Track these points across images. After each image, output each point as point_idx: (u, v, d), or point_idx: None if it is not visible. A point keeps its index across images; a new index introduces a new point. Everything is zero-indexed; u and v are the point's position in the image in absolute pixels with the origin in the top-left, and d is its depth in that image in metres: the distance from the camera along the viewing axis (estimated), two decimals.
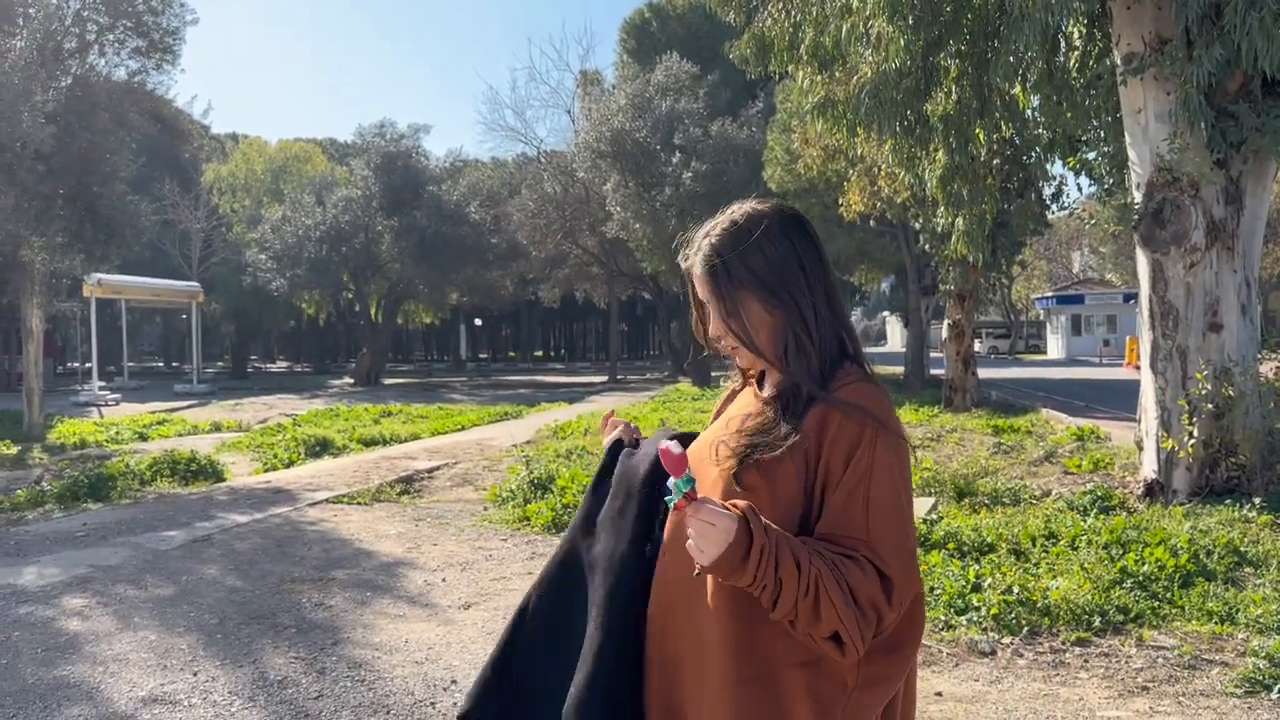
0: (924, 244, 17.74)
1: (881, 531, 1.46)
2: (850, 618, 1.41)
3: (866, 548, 1.45)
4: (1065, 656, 4.87)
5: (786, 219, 1.67)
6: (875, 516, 1.47)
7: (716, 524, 1.40)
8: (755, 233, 1.63)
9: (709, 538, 1.40)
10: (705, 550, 1.41)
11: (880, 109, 9.31)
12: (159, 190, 36.28)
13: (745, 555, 1.40)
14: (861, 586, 1.42)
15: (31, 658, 4.95)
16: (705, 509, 1.42)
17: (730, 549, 1.40)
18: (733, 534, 1.40)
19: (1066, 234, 56.13)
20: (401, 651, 5.07)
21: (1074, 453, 11.50)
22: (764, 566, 1.40)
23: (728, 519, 1.41)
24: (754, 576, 1.41)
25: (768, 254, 1.62)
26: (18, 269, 16.43)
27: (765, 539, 1.41)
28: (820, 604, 1.40)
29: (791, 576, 1.40)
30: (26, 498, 9.66)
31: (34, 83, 11.11)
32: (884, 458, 1.50)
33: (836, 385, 1.58)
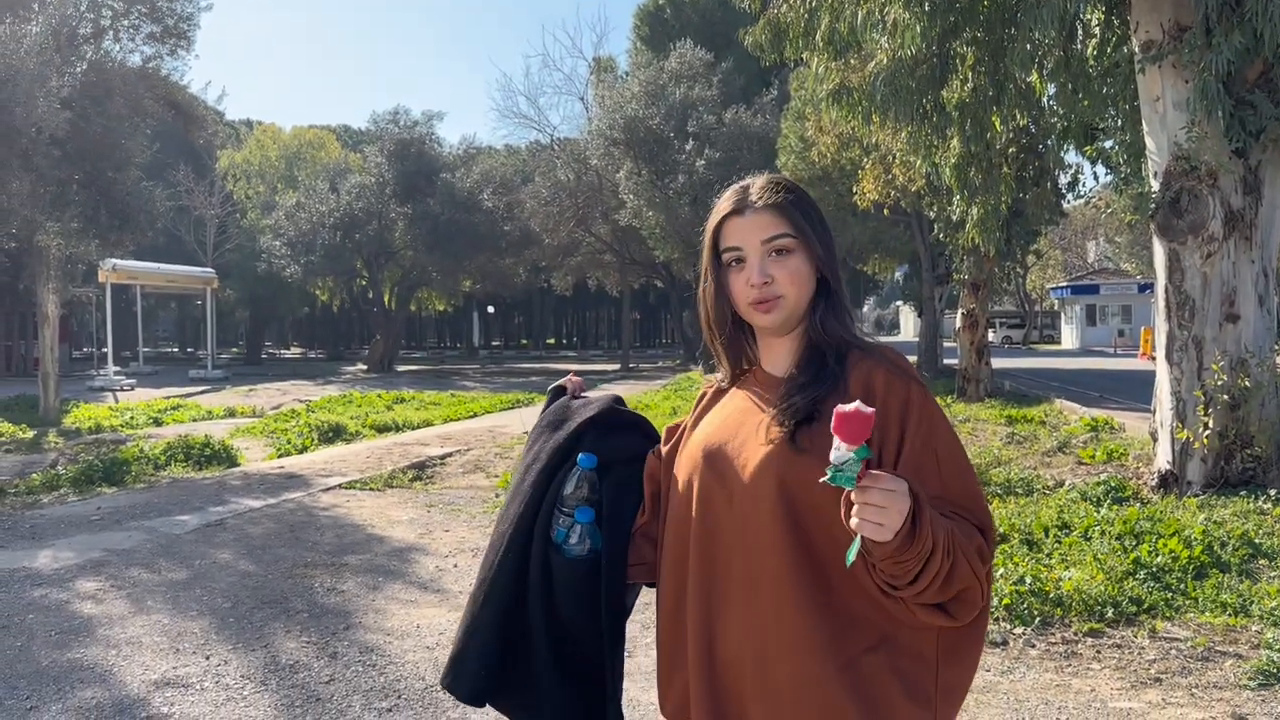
0: (938, 233, 17.64)
1: (959, 483, 1.47)
2: (983, 573, 1.41)
3: (948, 503, 1.44)
4: (1077, 647, 4.85)
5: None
6: (947, 470, 1.47)
7: (897, 490, 1.30)
8: (811, 198, 1.69)
9: (893, 507, 1.29)
10: (887, 523, 1.30)
11: (895, 96, 9.25)
12: (173, 176, 36.40)
13: (916, 524, 1.32)
14: (974, 539, 1.42)
15: (46, 640, 4.98)
16: (885, 478, 1.31)
17: (908, 520, 1.32)
18: (909, 501, 1.31)
19: (1082, 223, 55.81)
20: (413, 636, 5.08)
21: (1088, 443, 11.45)
22: (931, 532, 1.34)
23: (904, 484, 1.32)
24: (922, 545, 1.33)
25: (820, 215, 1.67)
26: (34, 254, 16.52)
27: (927, 505, 1.35)
28: (956, 566, 1.37)
29: (940, 542, 1.35)
30: (41, 481, 9.73)
31: (49, 68, 11.13)
32: (935, 410, 1.51)
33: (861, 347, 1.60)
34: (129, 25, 13.75)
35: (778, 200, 1.61)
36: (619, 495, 1.75)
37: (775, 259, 1.60)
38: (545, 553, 1.72)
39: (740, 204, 1.63)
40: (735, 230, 1.62)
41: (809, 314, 1.62)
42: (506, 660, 1.72)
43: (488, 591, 1.73)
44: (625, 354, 39.66)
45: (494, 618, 1.72)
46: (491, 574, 1.74)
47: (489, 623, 1.72)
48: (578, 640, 1.70)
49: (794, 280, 1.59)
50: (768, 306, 1.60)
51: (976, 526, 1.44)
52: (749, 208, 1.62)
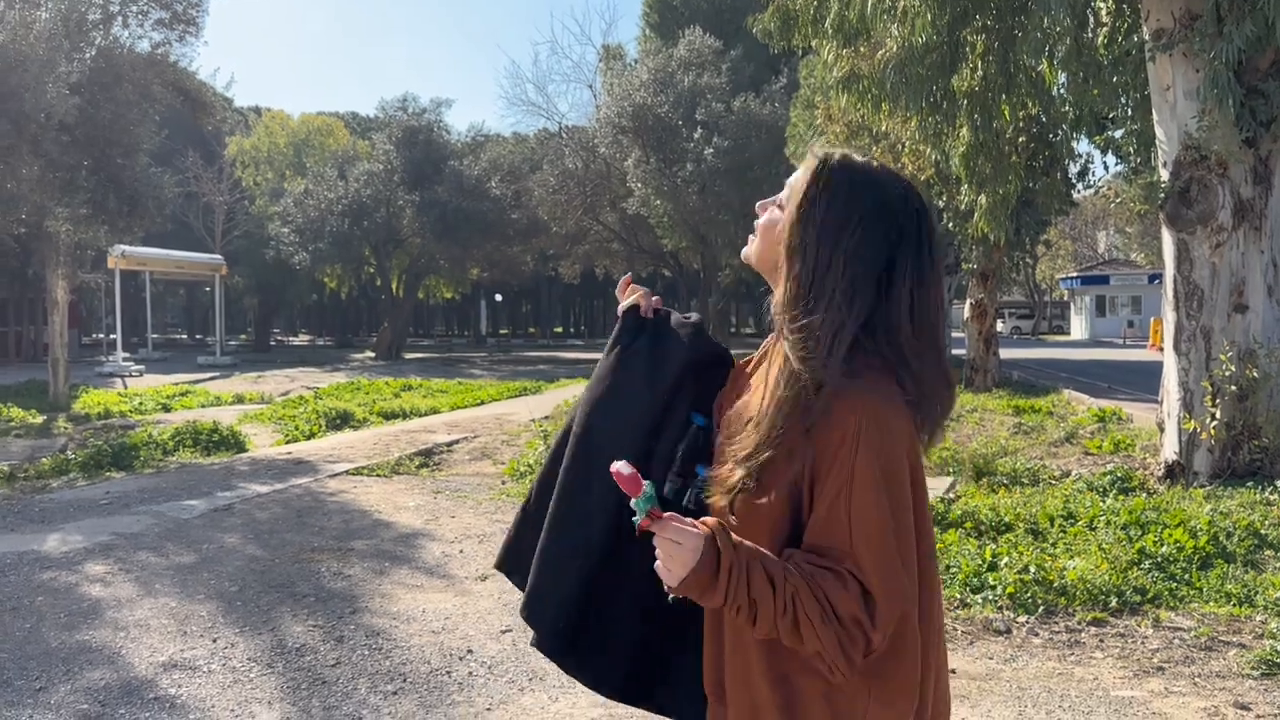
0: (947, 222, 17.58)
1: (864, 544, 1.34)
2: (829, 636, 1.32)
3: (851, 561, 1.34)
4: (1081, 636, 4.86)
5: (918, 205, 1.52)
6: (859, 527, 1.34)
7: (683, 543, 1.32)
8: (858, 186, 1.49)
9: (676, 558, 1.32)
10: (672, 570, 1.33)
11: (906, 84, 9.21)
12: (182, 163, 36.43)
13: (715, 574, 1.32)
14: (842, 602, 1.32)
15: (55, 622, 5.03)
16: (670, 527, 1.33)
17: (697, 569, 1.31)
18: (699, 554, 1.32)
19: (1092, 213, 55.54)
20: (418, 621, 5.11)
21: (1095, 434, 11.43)
22: (734, 586, 1.32)
23: (694, 537, 1.32)
24: (725, 596, 1.32)
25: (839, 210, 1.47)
26: (43, 240, 16.58)
27: (734, 556, 1.33)
28: (799, 622, 1.32)
29: (766, 595, 1.32)
30: (51, 466, 9.79)
31: (58, 54, 11.16)
32: (868, 460, 1.35)
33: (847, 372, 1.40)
34: (137, 11, 13.76)
35: (815, 168, 1.51)
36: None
37: (773, 205, 1.58)
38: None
39: (810, 149, 1.59)
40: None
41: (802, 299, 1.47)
42: (587, 619, 1.69)
43: (577, 544, 1.68)
44: None
45: (582, 572, 1.68)
46: (583, 529, 1.68)
47: (575, 577, 1.68)
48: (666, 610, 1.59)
49: (762, 232, 1.57)
50: (750, 238, 1.62)
51: (866, 592, 1.33)
52: (810, 154, 1.56)
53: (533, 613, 1.73)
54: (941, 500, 7.09)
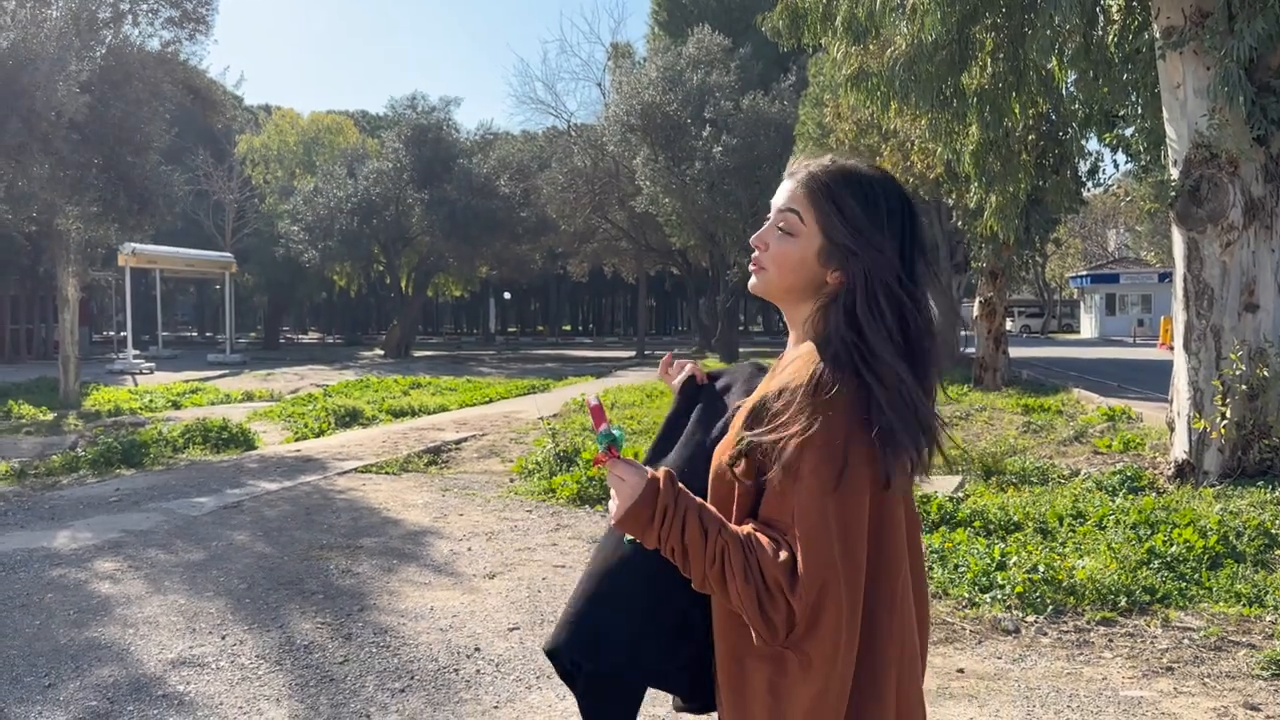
0: (956, 220, 17.55)
1: (800, 519, 1.40)
2: (749, 593, 1.38)
3: (791, 534, 1.40)
4: (1089, 636, 4.84)
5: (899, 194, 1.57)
6: (799, 506, 1.40)
7: (626, 479, 1.47)
8: (868, 188, 1.55)
9: (620, 492, 1.47)
10: (616, 504, 1.47)
11: (915, 82, 9.19)
12: (192, 161, 36.56)
13: (651, 515, 1.44)
14: (769, 565, 1.38)
15: (64, 619, 5.05)
16: (620, 464, 1.48)
17: (636, 506, 1.44)
18: (639, 491, 1.45)
19: (1102, 212, 55.35)
20: (426, 619, 5.12)
21: (1104, 433, 11.39)
22: (667, 528, 1.43)
23: (637, 477, 1.47)
24: (659, 536, 1.44)
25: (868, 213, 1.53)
26: (54, 238, 16.65)
27: (670, 502, 1.44)
28: (725, 575, 1.40)
29: (697, 543, 1.42)
30: (61, 463, 9.83)
31: (69, 52, 11.19)
32: (820, 441, 1.40)
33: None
34: (148, 9, 13.81)
35: (809, 179, 1.57)
36: None
37: (778, 233, 1.59)
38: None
39: (791, 169, 1.63)
40: (779, 190, 1.64)
41: (822, 308, 1.55)
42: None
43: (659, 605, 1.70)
44: (641, 341, 39.65)
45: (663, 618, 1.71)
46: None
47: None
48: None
49: (777, 261, 1.58)
50: (753, 270, 1.63)
51: (793, 560, 1.39)
52: (793, 174, 1.62)
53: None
54: (950, 499, 7.07)
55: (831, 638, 1.39)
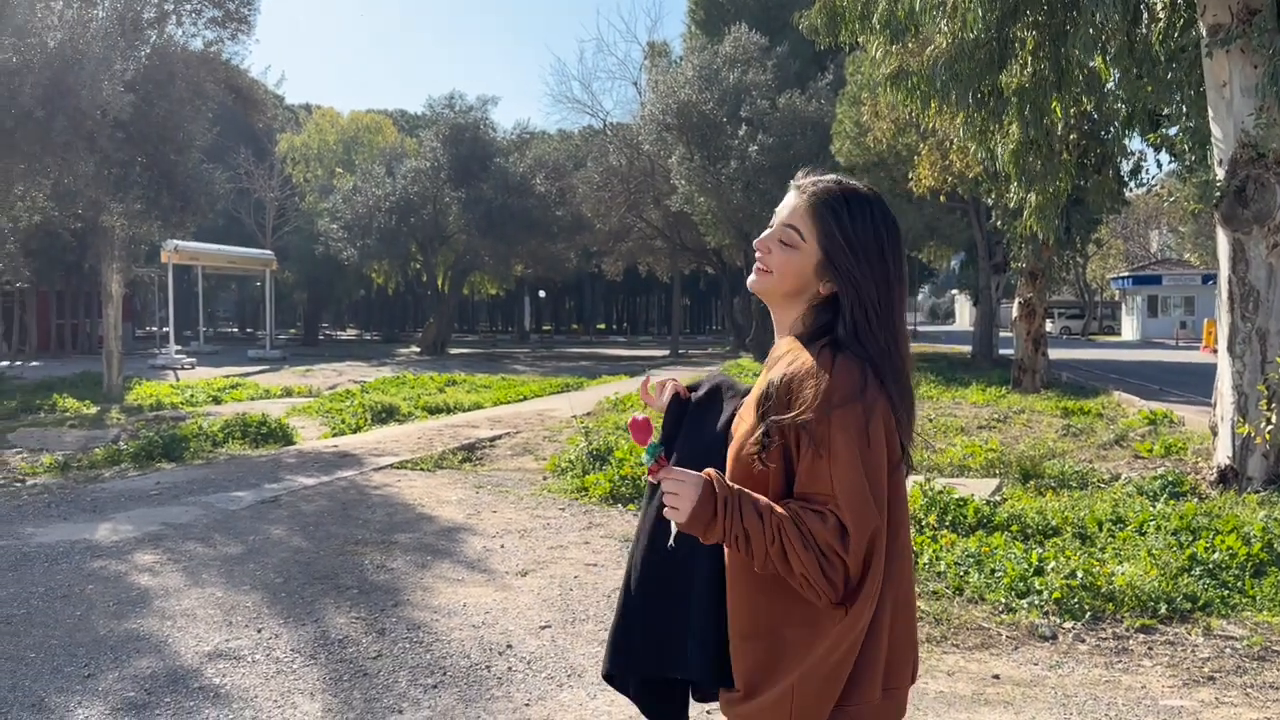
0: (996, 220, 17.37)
1: (840, 485, 1.56)
2: (810, 559, 1.54)
3: (833, 503, 1.56)
4: (1129, 643, 4.77)
5: (888, 214, 1.76)
6: (836, 472, 1.57)
7: (686, 482, 1.59)
8: (866, 210, 1.73)
9: (682, 496, 1.58)
10: (680, 508, 1.58)
11: (955, 81, 9.10)
12: (234, 159, 37.02)
13: (714, 511, 1.57)
14: (820, 532, 1.54)
15: (104, 610, 5.13)
16: (675, 471, 1.61)
17: (699, 506, 1.57)
18: (700, 490, 1.58)
19: (1145, 213, 54.52)
20: (459, 615, 5.14)
21: (1145, 437, 11.22)
22: (730, 518, 1.56)
23: (696, 478, 1.59)
24: (724, 529, 1.57)
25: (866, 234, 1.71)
26: (98, 234, 16.93)
27: (728, 493, 1.58)
28: (786, 550, 1.54)
29: (756, 526, 1.55)
30: (104, 456, 9.99)
31: (114, 52, 11.37)
32: (840, 419, 1.58)
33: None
34: (191, 9, 14.00)
35: (814, 198, 1.74)
36: None
37: (782, 244, 1.76)
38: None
39: (798, 183, 1.80)
40: (784, 200, 1.81)
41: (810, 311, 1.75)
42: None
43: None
44: (675, 340, 39.64)
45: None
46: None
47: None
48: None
49: (780, 269, 1.76)
50: (757, 271, 1.80)
51: (841, 524, 1.55)
52: (795, 188, 1.79)
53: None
54: (987, 503, 6.99)
55: (874, 580, 1.58)
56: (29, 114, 10.44)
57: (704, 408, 1.98)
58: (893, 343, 1.69)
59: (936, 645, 4.74)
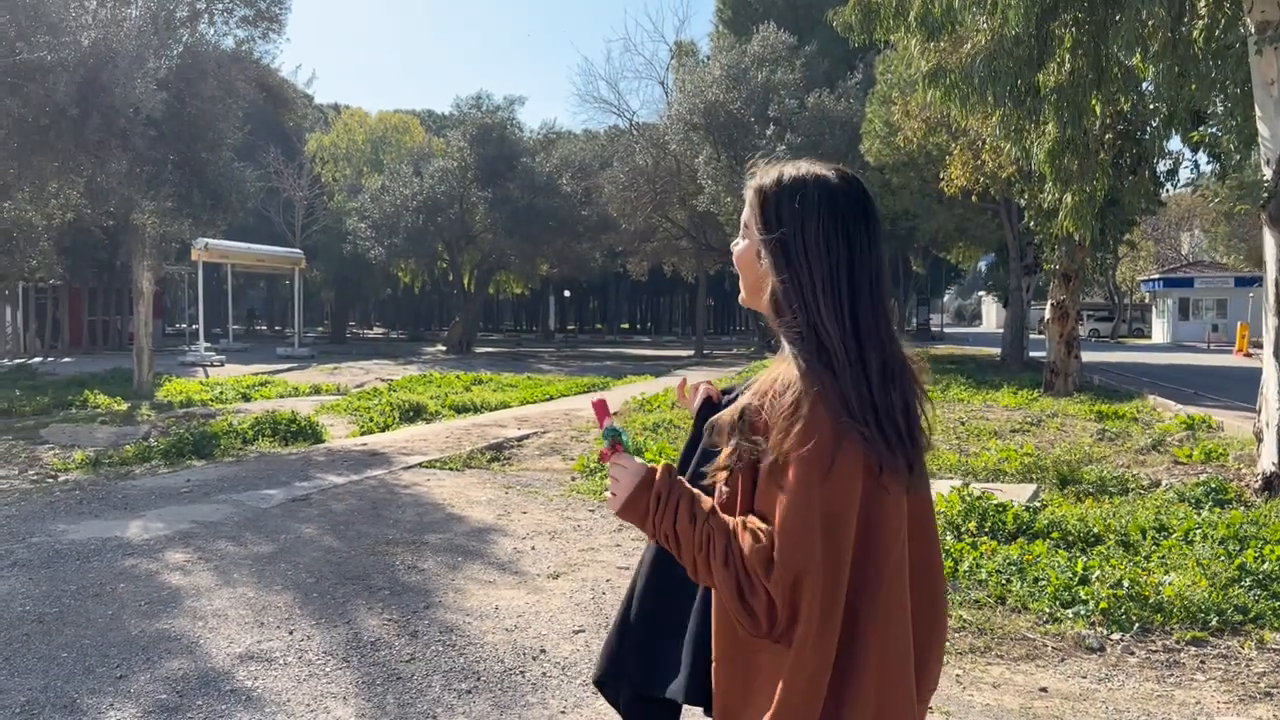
0: (1028, 221, 17.13)
1: (781, 512, 1.44)
2: (728, 578, 1.44)
3: (773, 528, 1.45)
4: (1180, 656, 4.63)
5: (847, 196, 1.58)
6: (782, 498, 1.45)
7: (627, 468, 1.56)
8: (810, 191, 1.57)
9: (620, 482, 1.55)
10: (615, 494, 1.56)
11: (994, 78, 8.94)
12: (264, 158, 37.24)
13: (647, 504, 1.52)
14: (748, 553, 1.44)
15: (136, 610, 5.09)
16: (622, 457, 1.58)
17: (634, 495, 1.53)
18: (638, 479, 1.54)
19: (1176, 214, 53.89)
20: (491, 618, 5.07)
21: (1183, 442, 11.01)
22: (661, 515, 1.51)
23: (637, 468, 1.55)
24: (653, 524, 1.52)
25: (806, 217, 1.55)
26: (130, 232, 17.04)
27: (665, 490, 1.52)
28: (710, 559, 1.46)
29: (687, 530, 1.49)
30: (134, 453, 10.01)
31: (147, 50, 11.41)
32: (799, 444, 1.44)
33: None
34: (223, 8, 14.03)
35: (755, 185, 1.63)
36: None
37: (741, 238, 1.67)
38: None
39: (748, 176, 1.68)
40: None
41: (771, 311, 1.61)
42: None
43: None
44: (699, 340, 39.51)
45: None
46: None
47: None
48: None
49: (740, 268, 1.66)
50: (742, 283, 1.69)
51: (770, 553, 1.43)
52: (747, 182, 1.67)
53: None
54: (1026, 509, 6.85)
55: (806, 623, 1.41)
56: (63, 111, 10.48)
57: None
58: (853, 335, 1.50)
59: (981, 656, 4.62)
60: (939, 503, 6.74)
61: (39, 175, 12.05)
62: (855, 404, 1.46)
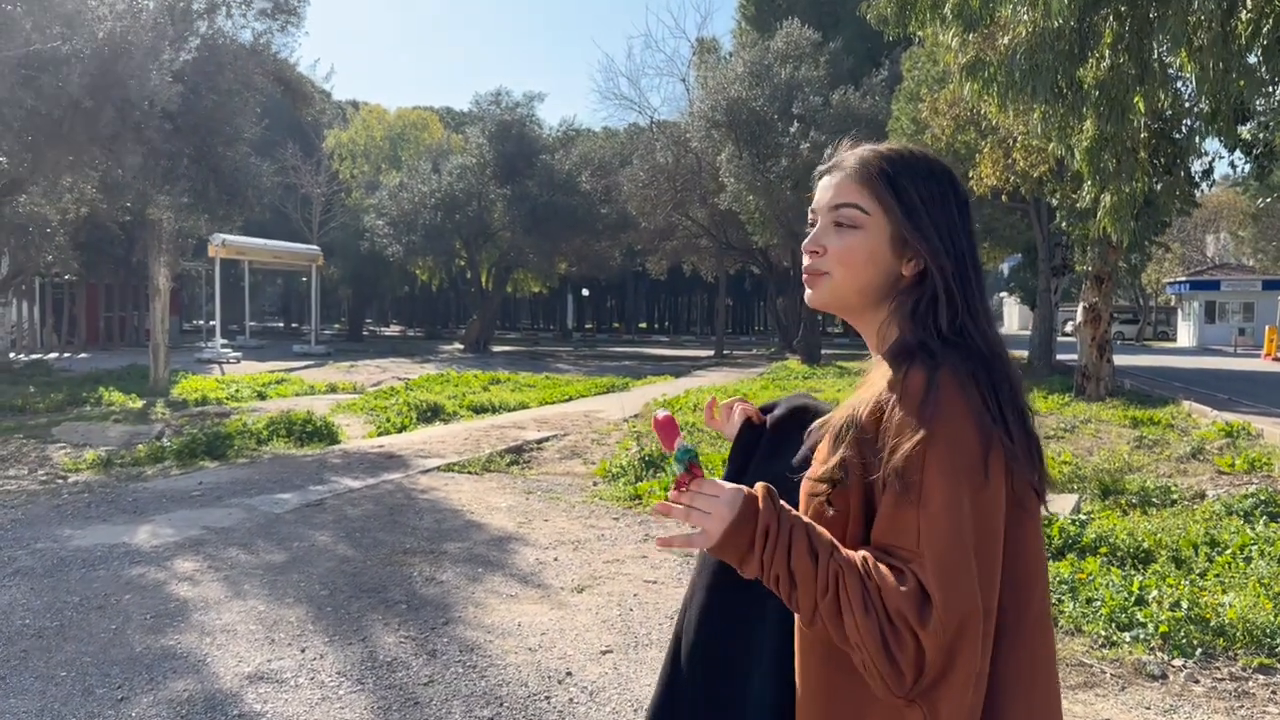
0: (1060, 221, 16.75)
1: (930, 541, 1.19)
2: (871, 627, 1.17)
3: (918, 562, 1.20)
4: (1248, 685, 4.32)
5: (949, 172, 1.43)
6: (926, 524, 1.20)
7: (719, 496, 1.27)
8: (926, 166, 1.41)
9: (713, 513, 1.26)
10: (708, 528, 1.26)
11: (1035, 72, 8.61)
12: (281, 154, 37.15)
13: (751, 538, 1.25)
14: (891, 594, 1.18)
15: (140, 624, 4.84)
16: (706, 484, 1.29)
17: (734, 527, 1.25)
18: (735, 509, 1.26)
19: (1202, 216, 53.16)
20: (514, 636, 4.81)
21: (1224, 450, 10.65)
22: (770, 552, 1.23)
23: (732, 492, 1.28)
24: (760, 563, 1.24)
25: (934, 190, 1.39)
26: (146, 228, 16.88)
27: (774, 521, 1.25)
28: (841, 606, 1.20)
29: (806, 569, 1.21)
30: (147, 453, 9.80)
31: (163, 42, 11.20)
32: (939, 455, 1.21)
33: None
34: (240, 1, 13.82)
35: (863, 165, 1.41)
36: None
37: (837, 230, 1.40)
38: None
39: (829, 164, 1.48)
40: (819, 191, 1.47)
41: (899, 306, 1.37)
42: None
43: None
44: (719, 341, 39.17)
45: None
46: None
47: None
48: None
49: (844, 260, 1.39)
50: (810, 280, 1.43)
51: (924, 591, 1.18)
52: (833, 169, 1.46)
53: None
54: (1073, 521, 6.54)
55: (964, 685, 1.18)
56: (77, 104, 10.29)
57: (781, 434, 1.62)
58: (997, 337, 1.35)
59: None
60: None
61: (53, 169, 11.87)
62: (996, 408, 1.26)
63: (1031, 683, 1.29)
